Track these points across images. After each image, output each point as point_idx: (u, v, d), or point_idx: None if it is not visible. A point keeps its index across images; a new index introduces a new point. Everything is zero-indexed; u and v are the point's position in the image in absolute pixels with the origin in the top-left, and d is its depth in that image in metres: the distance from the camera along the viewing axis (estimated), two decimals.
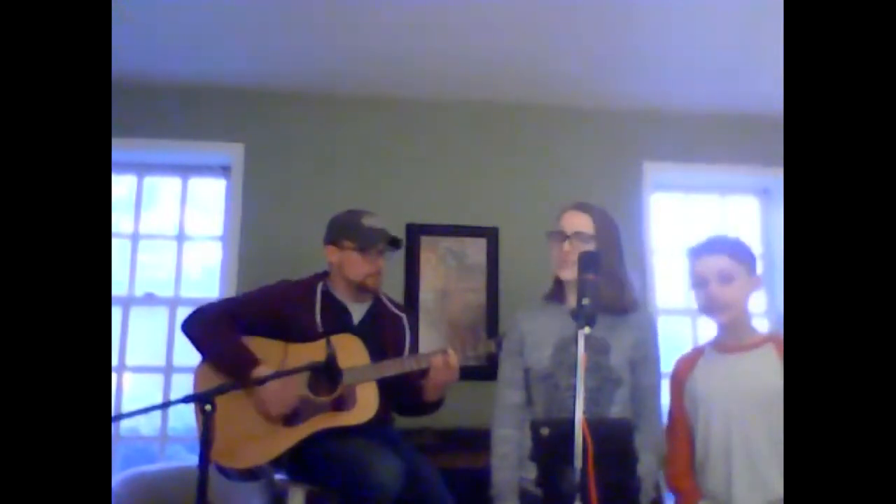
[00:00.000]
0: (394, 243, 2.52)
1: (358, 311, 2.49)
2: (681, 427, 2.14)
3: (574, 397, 1.98)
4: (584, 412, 1.56)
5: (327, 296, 2.46)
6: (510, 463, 2.07)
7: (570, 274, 2.07)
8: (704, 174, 3.87)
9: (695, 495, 2.08)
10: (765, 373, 2.00)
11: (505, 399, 2.15)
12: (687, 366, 2.17)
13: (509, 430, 2.11)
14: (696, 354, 2.19)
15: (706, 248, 2.11)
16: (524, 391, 2.13)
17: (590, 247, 2.07)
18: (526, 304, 2.26)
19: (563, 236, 2.11)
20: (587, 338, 2.01)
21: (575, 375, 1.98)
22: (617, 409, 2.04)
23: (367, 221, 2.47)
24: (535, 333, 2.13)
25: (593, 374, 2.03)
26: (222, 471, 2.30)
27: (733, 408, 2.01)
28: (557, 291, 2.19)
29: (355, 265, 2.44)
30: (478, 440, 2.23)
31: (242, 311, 2.42)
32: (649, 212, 3.75)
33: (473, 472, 2.27)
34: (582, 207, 2.17)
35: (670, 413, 2.20)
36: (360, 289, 2.48)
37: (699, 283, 2.10)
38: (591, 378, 2.02)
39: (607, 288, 2.03)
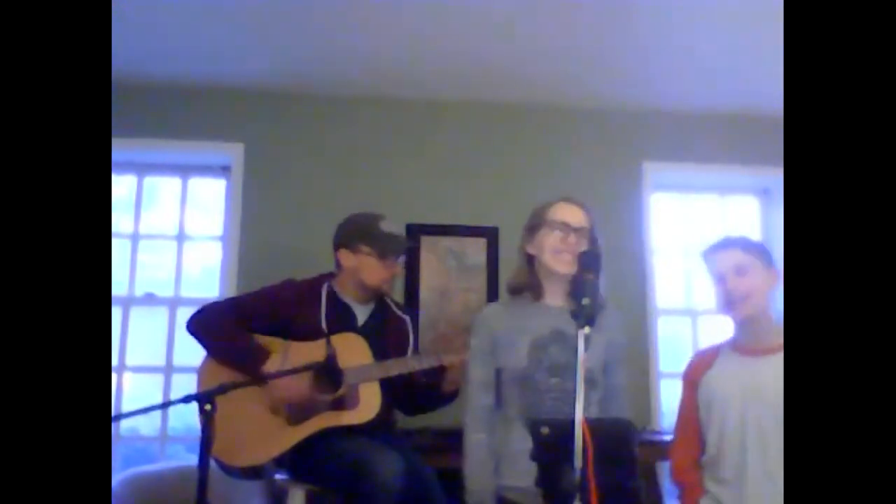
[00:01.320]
0: (409, 250, 2.53)
1: (363, 313, 2.49)
2: (690, 424, 2.13)
3: (553, 398, 1.98)
4: (563, 414, 1.54)
5: (332, 297, 2.46)
6: (487, 468, 2.01)
7: (565, 268, 2.04)
8: (704, 174, 3.88)
9: (699, 490, 2.08)
10: (781, 377, 1.97)
11: (477, 401, 2.07)
12: (703, 365, 2.15)
13: (483, 435, 2.04)
14: (713, 354, 2.16)
15: (719, 245, 2.12)
16: (494, 393, 2.07)
17: (584, 241, 2.05)
18: (493, 302, 2.22)
19: (568, 228, 2.06)
20: (566, 338, 2.00)
21: (552, 376, 1.99)
22: (592, 411, 2.00)
23: (386, 227, 2.47)
24: (508, 332, 2.06)
25: (569, 375, 1.98)
26: (224, 468, 2.30)
27: (750, 412, 1.99)
28: (534, 287, 2.12)
29: (373, 271, 2.44)
30: None
31: (246, 309, 2.42)
32: (649, 212, 3.75)
33: None
34: (574, 201, 2.14)
35: (681, 409, 2.19)
36: (371, 292, 2.48)
37: (717, 279, 2.08)
38: (567, 379, 1.98)
39: None
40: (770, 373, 1.99)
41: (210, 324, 2.37)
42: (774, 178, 3.80)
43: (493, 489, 2.00)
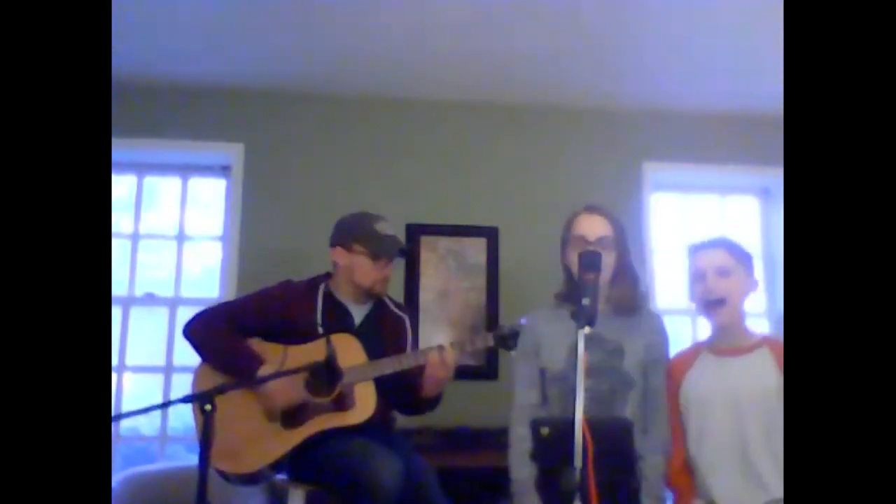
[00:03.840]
0: (402, 252, 2.53)
1: (359, 313, 2.49)
2: (677, 425, 2.15)
3: (588, 398, 2.00)
4: (597, 414, 1.56)
5: (329, 297, 2.46)
6: (528, 461, 2.08)
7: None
8: (704, 174, 3.88)
9: (690, 493, 2.09)
10: (760, 375, 2.00)
11: (522, 399, 2.17)
12: (682, 366, 2.18)
13: (526, 429, 2.11)
14: (692, 355, 2.19)
15: (706, 243, 2.15)
16: (540, 391, 2.15)
17: (611, 252, 2.10)
18: (540, 305, 2.27)
19: (585, 242, 2.11)
20: (602, 341, 2.04)
21: (588, 377, 2.01)
22: (630, 411, 2.06)
23: (381, 228, 2.46)
24: (550, 335, 2.15)
25: (607, 377, 2.06)
26: (222, 475, 2.30)
27: (727, 410, 2.02)
28: (573, 293, 2.17)
29: (366, 271, 2.43)
30: (478, 440, 2.23)
31: (242, 313, 2.41)
32: (649, 212, 3.75)
33: (473, 472, 2.27)
34: (596, 210, 2.19)
35: (668, 412, 2.20)
36: (366, 293, 2.48)
37: (697, 276, 2.12)
38: (605, 381, 2.06)
39: (624, 288, 2.12)
40: (746, 371, 2.02)
41: (204, 330, 2.37)
42: (774, 178, 3.80)
43: (532, 479, 2.06)
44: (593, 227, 2.15)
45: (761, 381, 1.99)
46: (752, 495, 1.96)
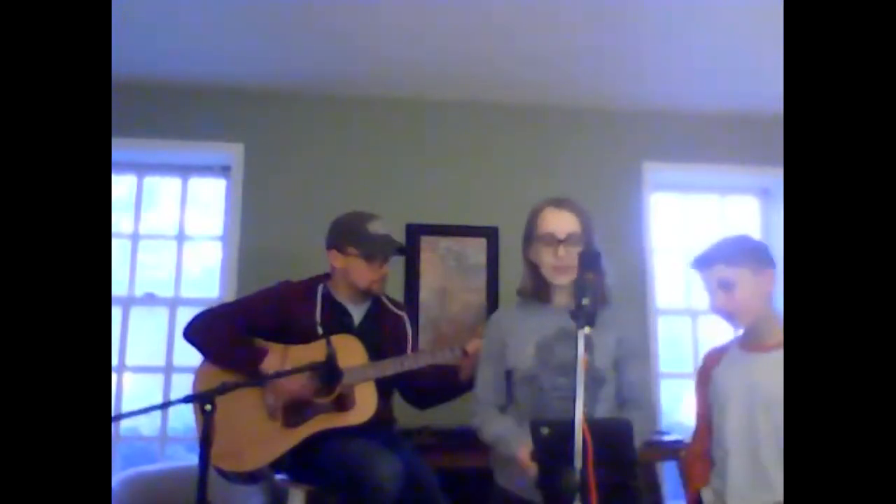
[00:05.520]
0: (400, 250, 2.52)
1: (358, 313, 2.49)
2: (702, 420, 2.16)
3: (559, 398, 1.98)
4: (572, 412, 1.54)
5: (328, 298, 2.46)
6: (517, 434, 1.98)
7: (565, 279, 2.04)
8: (704, 174, 3.88)
9: (700, 480, 2.10)
10: (775, 374, 1.98)
11: (484, 399, 2.10)
12: (713, 359, 2.17)
13: (504, 419, 2.06)
14: (723, 350, 2.18)
15: (702, 261, 2.08)
16: (504, 393, 2.09)
17: (579, 247, 2.00)
18: (493, 302, 2.24)
19: (554, 240, 2.04)
20: (571, 338, 2.00)
21: (559, 375, 1.98)
22: (602, 408, 2.00)
23: (373, 227, 2.44)
24: (517, 334, 2.07)
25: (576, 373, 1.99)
26: (222, 473, 2.30)
27: (742, 407, 2.01)
28: (541, 291, 2.11)
29: (361, 272, 2.43)
30: (478, 440, 2.23)
31: (242, 313, 2.41)
32: (649, 212, 3.76)
33: (473, 472, 2.26)
34: (563, 205, 2.09)
35: (697, 402, 2.20)
36: (363, 292, 2.48)
37: (708, 292, 2.09)
38: (575, 378, 2.00)
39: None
40: (767, 370, 2.01)
41: (206, 329, 2.37)
42: (774, 178, 3.80)
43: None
44: (561, 224, 2.05)
45: (775, 379, 1.97)
46: (758, 494, 1.95)
